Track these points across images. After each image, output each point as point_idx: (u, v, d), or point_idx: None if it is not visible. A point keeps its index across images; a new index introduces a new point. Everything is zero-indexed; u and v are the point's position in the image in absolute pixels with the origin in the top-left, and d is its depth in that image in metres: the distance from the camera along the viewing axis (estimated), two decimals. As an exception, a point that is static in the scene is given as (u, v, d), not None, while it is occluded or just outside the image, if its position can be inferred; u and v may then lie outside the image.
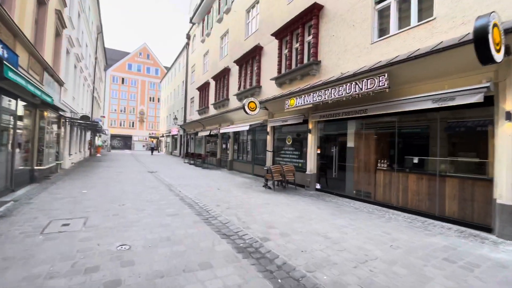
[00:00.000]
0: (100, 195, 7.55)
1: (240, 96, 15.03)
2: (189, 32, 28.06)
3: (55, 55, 11.35)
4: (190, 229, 4.80)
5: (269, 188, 9.60)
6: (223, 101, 17.54)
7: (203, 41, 23.27)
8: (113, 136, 54.50)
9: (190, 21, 25.82)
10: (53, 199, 6.82)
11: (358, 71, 7.12)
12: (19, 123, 7.88)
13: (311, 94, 8.37)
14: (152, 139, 51.89)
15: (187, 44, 28.92)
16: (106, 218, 5.31)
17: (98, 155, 29.57)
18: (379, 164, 7.35)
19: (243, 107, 11.79)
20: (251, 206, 6.75)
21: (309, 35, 10.10)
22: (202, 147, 23.02)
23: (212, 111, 19.90)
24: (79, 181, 10.03)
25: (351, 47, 8.14)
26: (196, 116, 23.97)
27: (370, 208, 6.92)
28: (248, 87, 14.47)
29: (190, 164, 20.50)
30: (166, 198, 7.47)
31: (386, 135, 7.34)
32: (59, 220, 5.05)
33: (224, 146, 18.44)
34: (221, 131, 16.50)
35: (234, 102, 16.08)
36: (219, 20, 19.17)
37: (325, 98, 7.71)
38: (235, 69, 16.21)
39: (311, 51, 9.61)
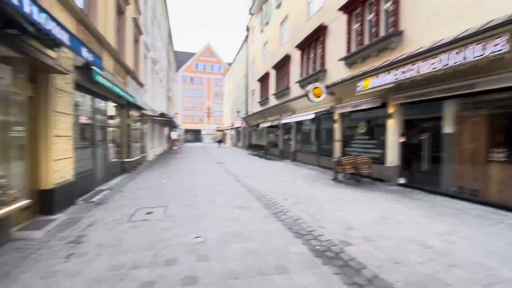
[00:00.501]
0: (176, 185, 8.13)
1: (302, 83, 14.21)
2: (248, 24, 28.19)
3: (135, 59, 12.77)
4: (260, 225, 4.56)
5: (339, 181, 8.73)
6: (284, 90, 16.98)
7: (262, 31, 22.98)
8: (186, 131, 60.65)
9: (249, 12, 25.82)
10: (138, 188, 7.65)
11: (460, 36, 5.56)
12: (111, 121, 9.10)
13: (392, 71, 7.05)
14: (219, 132, 55.46)
15: (247, 37, 29.17)
16: (182, 208, 5.57)
17: (174, 147, 33.20)
18: (492, 155, 5.68)
19: (306, 94, 11.00)
20: (321, 202, 6.15)
21: (386, 1, 8.56)
22: (264, 138, 23.12)
23: (272, 101, 19.60)
24: (159, 172, 11.16)
25: (447, 7, 6.46)
26: (257, 108, 24.13)
27: (480, 211, 5.44)
28: (311, 72, 13.51)
29: (254, 155, 20.84)
30: (234, 190, 7.51)
31: (503, 116, 5.60)
32: (144, 209, 5.51)
33: (286, 136, 17.98)
34: (282, 121, 16.04)
35: (295, 90, 15.34)
36: (278, 6, 18.47)
37: (413, 74, 6.34)
38: (296, 56, 15.38)
39: (390, 21, 8.12)
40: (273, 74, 19.68)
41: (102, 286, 2.72)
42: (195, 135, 63.39)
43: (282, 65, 17.59)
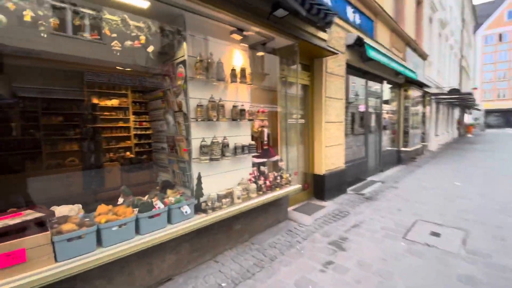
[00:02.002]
0: (481, 194, 5.17)
1: None
2: None
3: (416, 26, 10.41)
4: None
5: None
6: None
7: None
8: (488, 112, 43.75)
9: None
10: (418, 187, 5.84)
11: None
12: (385, 105, 8.00)
13: None
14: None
15: None
16: (496, 242, 3.10)
17: (469, 135, 24.95)
18: None
19: None
20: None
21: None
22: None
23: None
24: (447, 168, 8.24)
25: None
26: None
27: None
28: None
29: None
30: None
31: None
32: (427, 223, 3.79)
33: None
34: None
35: None
36: None
37: None
38: None
39: None
40: None
41: None
42: (506, 117, 43.04)
43: None
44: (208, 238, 2.84)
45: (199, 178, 2.65)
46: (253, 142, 3.20)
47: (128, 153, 6.31)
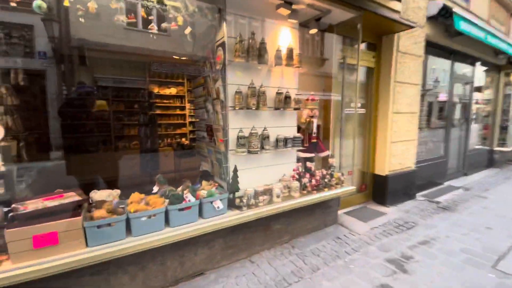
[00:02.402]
0: None
1: None
2: None
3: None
4: None
5: None
6: None
7: None
8: None
9: None
10: (519, 201, 4.51)
11: None
12: (476, 92, 6.39)
13: None
14: None
15: None
16: None
17: None
18: None
19: None
20: None
21: None
22: None
23: None
24: None
25: None
26: None
27: None
28: None
29: None
30: None
31: None
32: (532, 251, 2.81)
33: None
34: None
35: None
36: None
37: None
38: None
39: None
40: None
41: None
42: None
43: None
44: (244, 236, 2.63)
45: (235, 171, 2.43)
46: (298, 135, 2.81)
47: (183, 139, 6.62)
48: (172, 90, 6.75)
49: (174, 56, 5.17)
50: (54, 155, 3.67)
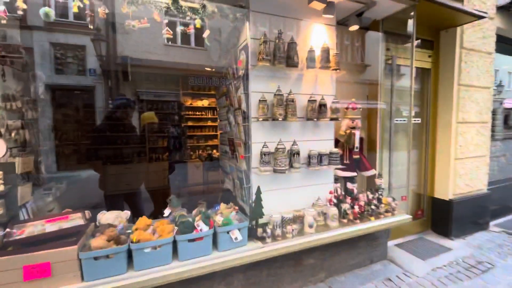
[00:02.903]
0: None
1: None
2: None
3: None
4: None
5: None
6: None
7: None
8: None
9: None
10: None
11: None
12: None
13: None
14: None
15: None
16: None
17: None
18: None
19: None
20: None
21: None
22: None
23: None
24: None
25: None
26: None
27: None
28: None
29: None
30: None
31: None
32: None
33: None
34: None
35: None
36: None
37: None
38: None
39: None
40: None
41: None
42: None
43: None
44: (268, 271, 2.20)
45: (258, 194, 2.05)
46: (336, 150, 2.32)
47: (215, 151, 6.49)
48: (204, 102, 6.73)
49: (207, 68, 5.17)
50: (87, 166, 3.69)
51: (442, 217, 3.40)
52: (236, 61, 2.20)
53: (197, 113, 6.68)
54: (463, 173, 3.38)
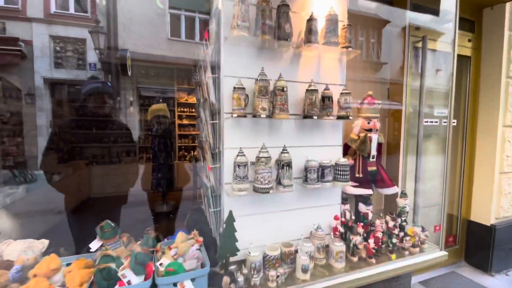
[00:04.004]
0: None
1: None
2: None
3: None
4: None
5: None
6: None
7: None
8: None
9: None
10: None
11: None
12: None
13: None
14: None
15: None
16: None
17: None
18: None
19: None
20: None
21: None
22: None
23: None
24: None
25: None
26: None
27: None
28: None
29: None
30: None
31: None
32: None
33: None
34: None
35: None
36: None
37: None
38: None
39: None
40: None
41: None
42: None
43: None
44: (245, 327, 1.57)
45: (229, 221, 1.42)
46: (344, 160, 1.66)
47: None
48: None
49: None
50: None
51: (480, 246, 2.67)
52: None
53: (193, 110, 6.13)
54: (510, 191, 2.64)
